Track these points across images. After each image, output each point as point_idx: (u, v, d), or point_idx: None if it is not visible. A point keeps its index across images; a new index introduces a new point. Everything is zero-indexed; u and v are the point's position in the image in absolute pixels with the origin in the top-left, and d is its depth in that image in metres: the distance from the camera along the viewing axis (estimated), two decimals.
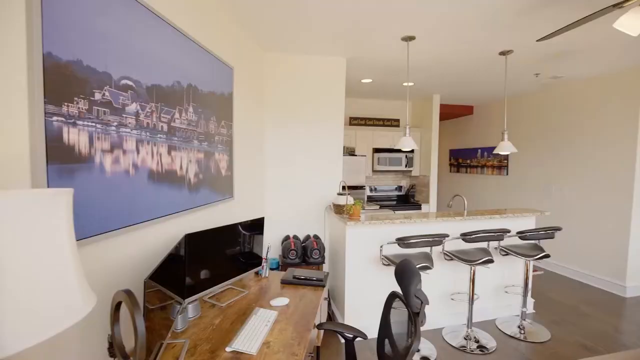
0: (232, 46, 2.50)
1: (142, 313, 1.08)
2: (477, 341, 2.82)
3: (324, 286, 2.05)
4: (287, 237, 3.34)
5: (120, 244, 1.29)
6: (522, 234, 2.88)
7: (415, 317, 1.20)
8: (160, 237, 1.58)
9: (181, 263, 1.59)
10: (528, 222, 3.26)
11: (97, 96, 1.17)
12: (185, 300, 1.58)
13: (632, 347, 2.77)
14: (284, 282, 2.11)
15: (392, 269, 2.85)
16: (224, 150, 2.33)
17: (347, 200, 2.88)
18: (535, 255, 2.79)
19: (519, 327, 3.04)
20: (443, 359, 2.61)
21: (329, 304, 3.26)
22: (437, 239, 2.48)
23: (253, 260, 2.19)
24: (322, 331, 2.08)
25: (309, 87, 3.43)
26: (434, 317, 3.03)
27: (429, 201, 5.39)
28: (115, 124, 1.26)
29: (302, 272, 2.20)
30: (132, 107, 1.35)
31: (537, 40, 2.23)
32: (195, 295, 1.64)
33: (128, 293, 0.73)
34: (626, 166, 3.78)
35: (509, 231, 2.74)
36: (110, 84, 1.22)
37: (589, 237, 4.20)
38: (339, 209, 2.95)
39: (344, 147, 5.32)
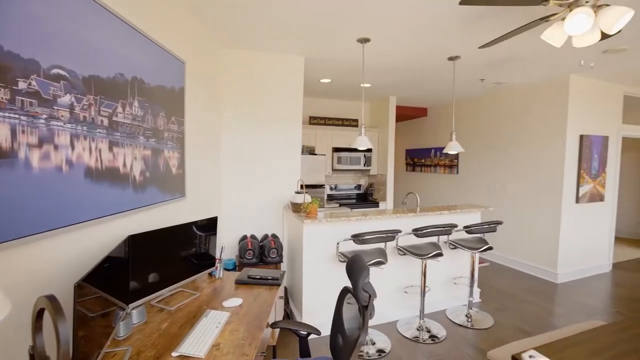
0: (185, 40, 2.40)
1: (72, 320, 1.00)
2: (428, 331, 2.97)
3: (279, 285, 2.04)
4: (244, 237, 3.28)
5: (52, 246, 1.18)
6: (468, 228, 3.09)
7: (364, 310, 1.23)
8: (102, 239, 1.47)
9: (124, 266, 1.50)
10: (474, 217, 3.50)
11: (22, 85, 1.06)
12: (129, 305, 1.49)
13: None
14: (239, 283, 2.07)
15: (341, 266, 2.91)
16: (175, 148, 2.23)
17: (305, 198, 2.90)
18: (480, 248, 3.01)
19: (466, 315, 3.24)
20: (397, 350, 2.71)
21: (287, 303, 3.26)
22: (390, 235, 2.58)
23: (206, 261, 2.13)
24: (277, 330, 2.07)
25: (268, 85, 3.40)
26: (389, 310, 3.15)
27: (386, 199, 5.57)
28: (45, 116, 1.16)
29: (257, 272, 2.17)
30: (66, 98, 1.25)
31: (479, 48, 2.41)
32: (140, 300, 1.55)
33: (50, 299, 0.67)
34: (557, 166, 4.20)
35: (456, 226, 2.92)
36: (38, 73, 1.12)
37: (527, 230, 4.60)
38: (296, 208, 2.95)
39: (303, 146, 5.35)
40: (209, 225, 2.14)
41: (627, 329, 1.59)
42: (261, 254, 3.11)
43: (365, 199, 5.95)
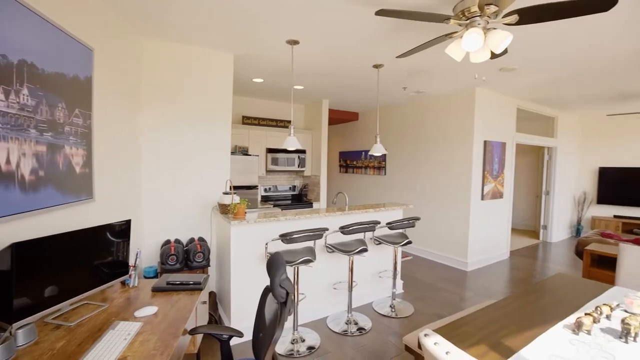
0: (95, 25, 2.16)
1: None
2: (356, 324, 3.11)
3: (201, 289, 1.95)
4: (167, 242, 3.06)
5: None
6: (390, 225, 3.32)
7: (282, 307, 1.25)
8: None
9: (5, 279, 1.29)
10: (396, 214, 3.77)
11: None
12: (13, 325, 1.29)
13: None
14: (156, 290, 1.93)
15: None
16: (79, 144, 1.99)
17: (233, 199, 2.82)
18: (401, 242, 3.25)
19: (390, 306, 3.48)
20: (327, 345, 2.79)
21: (216, 308, 3.13)
22: (318, 233, 2.65)
23: (118, 270, 1.94)
24: (200, 336, 1.98)
25: (195, 80, 3.23)
26: (319, 307, 3.22)
27: (320, 199, 5.71)
28: None
29: (178, 277, 2.05)
30: None
31: (396, 57, 2.62)
32: (28, 318, 1.35)
33: None
34: (466, 167, 4.75)
35: (379, 222, 3.12)
36: None
37: (442, 224, 5.12)
38: (224, 209, 2.86)
39: (236, 146, 5.21)
40: (121, 230, 1.95)
41: (510, 304, 1.87)
42: (186, 259, 2.94)
43: (300, 199, 6.01)
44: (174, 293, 1.93)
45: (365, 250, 2.93)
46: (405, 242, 3.27)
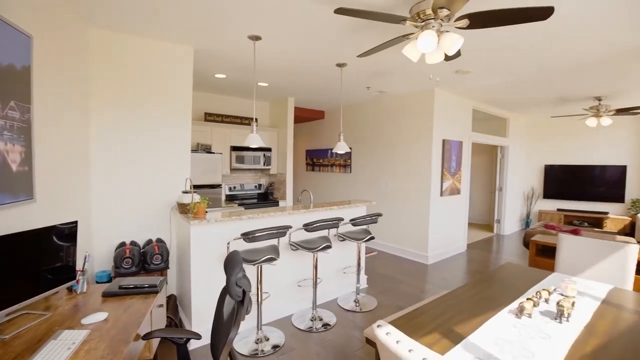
0: (35, 11, 1.98)
1: None
2: (321, 320, 3.13)
3: (157, 292, 1.87)
4: (122, 244, 2.90)
5: None
6: (353, 221, 3.38)
7: (239, 306, 1.23)
8: None
9: None
10: (360, 211, 3.85)
11: None
12: None
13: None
14: (107, 295, 1.82)
15: None
16: (16, 140, 1.82)
17: (193, 198, 2.72)
18: (364, 238, 3.33)
19: (354, 301, 3.54)
20: (292, 342, 2.79)
21: (177, 311, 3.01)
22: (282, 231, 2.63)
23: (64, 275, 1.81)
24: (156, 340, 1.90)
25: (151, 74, 3.07)
26: (284, 305, 3.21)
27: (286, 198, 5.68)
28: None
29: (131, 281, 1.95)
30: None
31: (357, 56, 2.67)
32: None
33: None
34: (426, 165, 4.95)
35: (342, 219, 3.16)
36: None
37: (405, 220, 5.30)
38: (183, 209, 2.76)
39: (198, 144, 5.04)
40: (67, 232, 1.82)
41: (462, 294, 1.99)
42: (143, 262, 2.80)
43: (266, 198, 5.94)
44: (127, 297, 1.83)
45: (329, 246, 2.96)
46: (368, 237, 3.35)
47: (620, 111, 4.90)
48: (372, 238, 3.39)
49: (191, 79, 3.32)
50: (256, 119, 5.79)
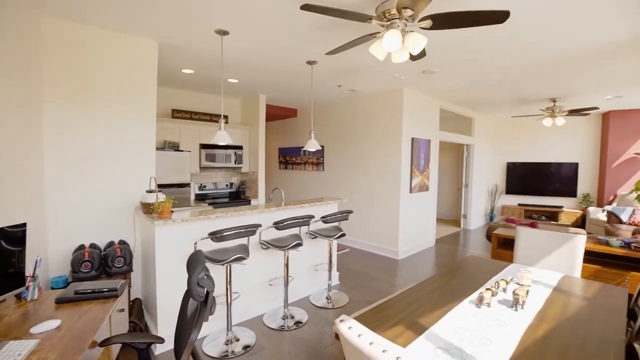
0: None
1: None
2: (293, 318, 3.13)
3: (117, 296, 1.78)
4: (81, 247, 2.74)
5: None
6: (324, 218, 3.40)
7: (202, 306, 1.19)
8: None
9: None
10: (332, 208, 3.87)
11: None
12: None
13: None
14: (61, 301, 1.71)
15: (208, 266, 2.80)
16: None
17: (158, 198, 2.62)
18: (335, 235, 3.35)
19: (326, 297, 3.57)
20: (263, 342, 2.76)
21: (142, 315, 2.89)
22: (251, 229, 2.60)
23: (11, 282, 1.68)
24: (117, 347, 1.81)
25: (112, 67, 2.91)
26: (254, 305, 3.17)
27: (258, 196, 5.61)
28: None
29: (89, 285, 1.84)
30: None
31: (325, 54, 2.67)
32: None
33: None
34: (396, 162, 5.07)
35: (313, 217, 3.17)
36: None
37: (376, 216, 5.40)
38: (147, 208, 2.65)
39: (166, 141, 4.85)
40: (14, 235, 1.69)
41: (426, 287, 2.05)
42: (104, 265, 2.66)
43: (238, 197, 5.83)
44: (84, 303, 1.73)
45: (300, 244, 2.96)
46: (339, 234, 3.37)
47: (573, 112, 5.26)
48: (343, 235, 3.42)
49: (155, 74, 3.19)
50: (226, 116, 5.70)
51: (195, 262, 1.22)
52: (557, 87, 4.69)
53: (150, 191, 2.72)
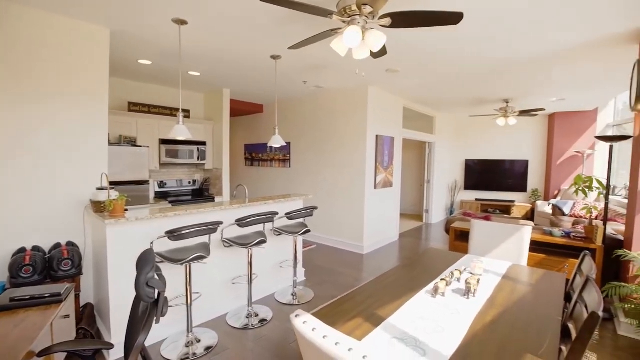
0: None
1: None
2: (257, 316, 3.09)
3: (60, 302, 1.65)
4: (21, 250, 2.50)
5: None
6: (289, 215, 3.38)
7: (152, 308, 1.14)
8: None
9: None
10: (297, 205, 3.86)
11: None
12: None
13: None
14: None
15: (167, 266, 2.68)
16: None
17: (110, 195, 2.46)
18: (300, 232, 3.35)
19: (292, 294, 3.56)
20: (226, 342, 2.70)
21: (94, 321, 2.71)
22: (212, 227, 2.52)
23: None
24: (60, 356, 1.68)
25: (57, 55, 2.67)
26: (217, 305, 3.09)
27: (223, 194, 5.46)
28: None
29: (28, 291, 1.69)
30: None
31: (288, 48, 2.64)
32: None
33: None
34: (361, 159, 5.15)
35: (277, 213, 3.14)
36: None
37: (342, 212, 5.47)
38: (98, 207, 2.48)
39: (121, 136, 4.57)
40: None
41: (386, 279, 2.11)
42: (49, 269, 2.46)
43: (201, 194, 5.64)
44: (21, 311, 1.59)
45: (264, 242, 2.92)
46: (304, 231, 3.37)
47: (523, 113, 5.64)
48: (308, 231, 3.42)
49: (107, 64, 2.98)
50: (187, 110, 5.48)
51: (144, 261, 1.16)
52: (509, 89, 5.00)
53: (101, 188, 2.55)
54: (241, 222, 2.83)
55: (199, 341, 2.65)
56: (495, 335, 1.42)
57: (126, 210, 2.61)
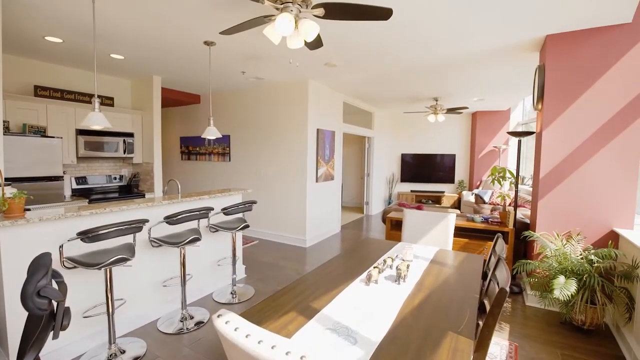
0: None
1: None
2: (192, 319, 2.91)
3: None
4: None
5: None
6: (225, 210, 3.23)
7: (48, 322, 0.97)
8: None
9: None
10: (235, 199, 3.71)
11: None
12: None
13: None
14: None
15: (83, 272, 2.38)
16: None
17: (4, 193, 2.09)
18: (238, 227, 3.22)
19: (231, 293, 3.42)
20: (156, 350, 2.50)
21: None
22: (135, 226, 2.28)
23: None
24: None
25: None
26: (146, 310, 2.84)
27: (154, 190, 5.04)
28: None
29: None
30: None
31: (219, 33, 2.49)
32: None
33: None
34: (302, 152, 5.14)
35: (212, 209, 2.97)
36: None
37: (283, 206, 5.42)
38: None
39: (26, 125, 3.95)
40: None
41: (322, 270, 2.13)
42: None
43: (130, 191, 5.13)
44: None
45: (197, 239, 2.74)
46: (242, 226, 3.25)
47: (450, 110, 6.13)
48: (247, 226, 3.31)
49: None
50: (111, 98, 4.91)
51: (35, 267, 0.98)
52: (438, 88, 5.38)
53: None
54: (171, 220, 2.62)
55: (123, 352, 2.41)
56: (422, 317, 1.50)
57: (28, 210, 2.25)
